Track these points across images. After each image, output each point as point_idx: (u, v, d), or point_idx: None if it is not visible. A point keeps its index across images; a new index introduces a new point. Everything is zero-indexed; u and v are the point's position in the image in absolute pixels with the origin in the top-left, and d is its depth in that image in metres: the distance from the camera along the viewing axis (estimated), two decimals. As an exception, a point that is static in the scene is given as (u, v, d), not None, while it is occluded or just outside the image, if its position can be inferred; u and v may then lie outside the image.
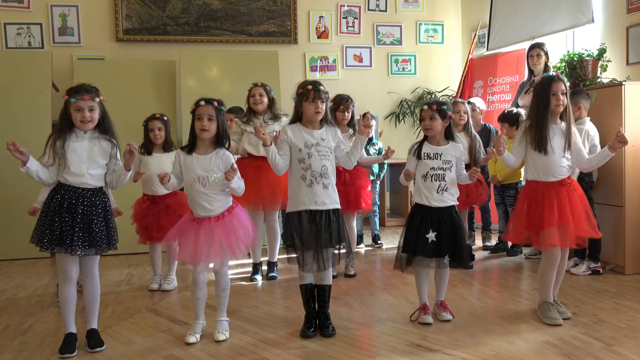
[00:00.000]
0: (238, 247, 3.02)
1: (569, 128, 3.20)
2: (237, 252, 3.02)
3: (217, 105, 3.01)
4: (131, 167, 2.96)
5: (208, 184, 3.00)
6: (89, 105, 2.84)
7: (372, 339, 3.13)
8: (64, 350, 2.87)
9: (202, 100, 3.01)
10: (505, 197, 5.06)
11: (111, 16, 6.56)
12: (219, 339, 3.04)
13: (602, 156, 3.23)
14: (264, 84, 4.25)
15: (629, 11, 4.93)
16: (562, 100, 3.17)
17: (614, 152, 3.15)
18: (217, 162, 3.02)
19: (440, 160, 3.23)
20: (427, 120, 3.24)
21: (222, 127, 3.04)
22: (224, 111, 3.07)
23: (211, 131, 3.00)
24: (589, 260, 4.31)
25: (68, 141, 2.84)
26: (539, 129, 3.18)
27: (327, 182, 3.07)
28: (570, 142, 3.19)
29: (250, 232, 3.09)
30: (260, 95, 4.19)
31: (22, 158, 2.74)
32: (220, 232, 2.98)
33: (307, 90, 3.02)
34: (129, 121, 4.76)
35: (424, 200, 3.23)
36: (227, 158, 3.05)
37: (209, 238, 2.97)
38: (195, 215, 3.05)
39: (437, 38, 7.52)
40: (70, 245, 2.79)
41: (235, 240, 3.00)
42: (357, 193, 4.29)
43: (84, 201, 2.85)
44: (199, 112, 2.99)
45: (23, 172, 2.79)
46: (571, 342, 2.91)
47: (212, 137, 3.03)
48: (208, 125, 2.97)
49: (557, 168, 3.19)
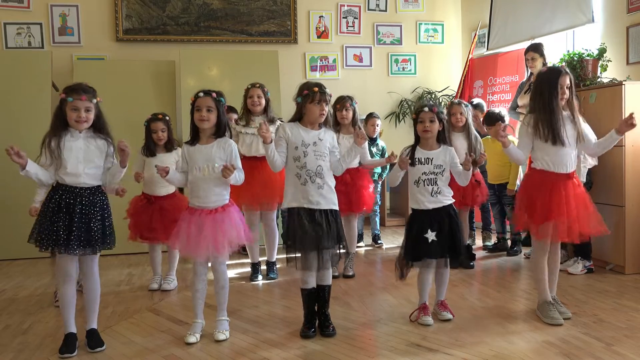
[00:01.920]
0: (223, 245, 3.01)
1: (577, 118, 3.18)
2: (221, 250, 3.01)
3: (215, 96, 3.04)
4: (127, 164, 2.96)
5: (208, 173, 3.02)
6: (86, 105, 2.85)
7: (372, 339, 3.13)
8: (64, 350, 2.87)
9: (201, 92, 3.06)
10: (501, 197, 5.06)
11: (111, 16, 6.56)
12: (219, 339, 3.05)
13: (610, 140, 3.19)
14: (262, 85, 4.24)
15: (629, 11, 4.93)
16: (567, 94, 3.15)
17: (621, 135, 3.13)
18: (218, 151, 3.05)
19: (432, 165, 3.21)
20: (427, 122, 3.21)
21: (222, 117, 3.07)
22: (223, 102, 3.09)
23: (210, 121, 3.03)
24: (582, 259, 4.32)
25: (63, 140, 2.85)
26: (551, 121, 3.12)
27: (322, 182, 3.07)
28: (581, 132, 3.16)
29: (242, 233, 3.09)
30: (259, 97, 4.18)
31: (21, 162, 2.74)
32: (210, 225, 2.99)
33: (313, 92, 3.03)
34: (129, 121, 4.76)
35: (420, 205, 3.22)
36: (228, 147, 3.08)
37: (198, 230, 2.98)
38: (190, 205, 3.07)
39: (437, 38, 7.52)
40: (68, 244, 2.79)
41: (221, 238, 3.00)
42: (358, 194, 4.28)
43: (82, 200, 2.86)
44: (198, 103, 3.03)
45: (22, 175, 2.79)
46: (571, 342, 2.91)
47: (212, 128, 3.06)
48: (207, 116, 3.01)
49: (567, 158, 3.16)
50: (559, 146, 3.13)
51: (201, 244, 2.97)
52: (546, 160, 3.18)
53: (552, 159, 3.17)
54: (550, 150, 3.16)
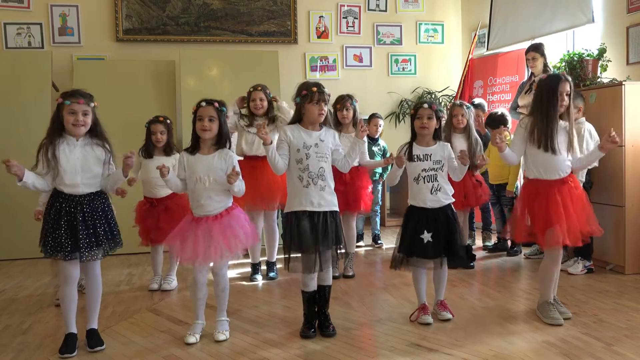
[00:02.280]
0: (236, 246, 3.02)
1: (571, 127, 3.19)
2: (234, 252, 3.02)
3: (217, 106, 3.04)
4: (128, 174, 2.95)
5: (209, 184, 3.01)
6: (83, 109, 2.85)
7: (372, 339, 3.13)
8: (64, 350, 2.88)
9: (204, 101, 3.05)
10: (500, 197, 5.06)
11: (111, 16, 6.55)
12: (219, 339, 3.05)
13: (593, 156, 3.25)
14: (264, 87, 4.24)
15: (629, 11, 4.93)
16: (566, 101, 3.16)
17: (604, 152, 3.16)
18: (219, 162, 3.04)
19: (431, 161, 3.22)
20: (424, 119, 3.22)
21: (223, 127, 3.07)
22: (225, 112, 3.09)
23: (212, 131, 3.02)
24: (582, 259, 4.32)
25: (59, 149, 2.84)
26: (546, 129, 3.13)
27: (324, 184, 3.07)
28: (573, 142, 3.18)
29: (250, 233, 3.10)
30: (261, 100, 4.19)
31: (18, 173, 2.74)
32: (218, 230, 2.99)
33: (311, 92, 3.03)
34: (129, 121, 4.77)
35: (419, 203, 3.22)
36: (229, 158, 3.07)
37: (208, 237, 2.98)
38: (195, 215, 3.06)
39: (437, 38, 7.52)
40: (77, 251, 2.80)
41: (233, 240, 3.01)
42: (356, 193, 4.28)
43: (83, 207, 2.86)
44: (200, 113, 3.02)
45: (19, 185, 2.79)
46: (571, 342, 2.91)
47: (214, 138, 3.06)
48: (209, 126, 3.00)
49: (560, 164, 3.17)
50: (549, 154, 3.14)
51: (212, 250, 2.96)
52: (537, 168, 3.19)
53: (543, 165, 3.17)
54: (541, 157, 3.17)
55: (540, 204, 3.16)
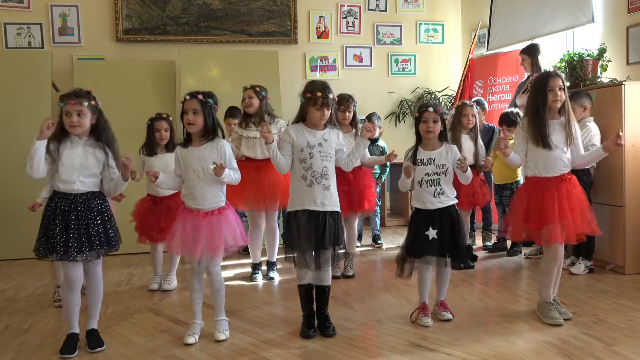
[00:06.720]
0: (219, 246, 3.00)
1: (569, 123, 3.19)
2: (217, 251, 3.01)
3: (202, 97, 3.01)
4: (128, 178, 2.94)
5: (203, 175, 3.01)
6: (77, 109, 2.84)
7: (372, 339, 3.13)
8: (65, 350, 2.87)
9: (188, 94, 3.05)
10: (502, 197, 5.07)
11: (111, 16, 6.56)
12: (220, 339, 3.05)
13: (595, 155, 3.25)
14: (253, 86, 4.23)
15: (629, 11, 4.93)
16: (559, 95, 3.14)
17: (607, 152, 3.16)
18: (212, 153, 3.04)
19: (434, 165, 3.22)
20: (430, 122, 3.21)
21: (209, 119, 3.04)
22: (211, 103, 3.05)
23: (197, 125, 3.01)
24: (584, 259, 4.32)
25: (63, 146, 2.85)
26: (537, 125, 3.15)
27: (328, 183, 3.07)
28: (572, 137, 3.17)
29: (237, 236, 3.07)
30: (250, 98, 4.18)
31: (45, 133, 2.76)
32: (206, 227, 2.99)
33: (316, 97, 3.03)
34: (129, 121, 4.76)
35: (423, 205, 3.23)
36: (221, 148, 3.06)
37: (195, 231, 2.98)
38: (186, 206, 3.07)
39: (437, 38, 7.52)
40: (66, 251, 2.79)
41: (218, 240, 2.99)
42: (361, 193, 4.27)
43: (77, 207, 2.85)
44: (185, 106, 3.03)
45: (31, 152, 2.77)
46: (571, 342, 2.91)
47: (201, 130, 3.04)
48: (193, 119, 2.99)
49: (558, 162, 3.17)
50: (547, 149, 3.14)
51: (197, 245, 2.97)
52: (537, 165, 3.20)
53: (542, 162, 3.18)
54: (540, 154, 3.17)
55: (535, 201, 3.16)
